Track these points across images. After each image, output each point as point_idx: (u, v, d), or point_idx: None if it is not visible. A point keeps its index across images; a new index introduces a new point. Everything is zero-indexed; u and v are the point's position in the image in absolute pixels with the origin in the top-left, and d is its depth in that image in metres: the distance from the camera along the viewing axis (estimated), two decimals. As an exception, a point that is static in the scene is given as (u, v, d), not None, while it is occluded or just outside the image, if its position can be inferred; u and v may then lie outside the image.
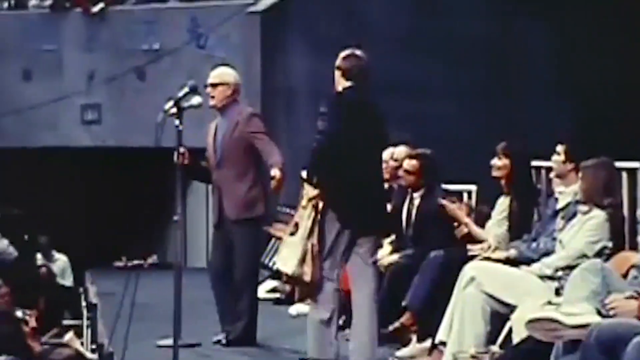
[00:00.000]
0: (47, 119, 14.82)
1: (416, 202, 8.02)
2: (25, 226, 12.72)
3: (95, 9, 14.62)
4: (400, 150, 8.52)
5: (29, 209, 12.95)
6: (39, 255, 12.84)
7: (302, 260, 6.82)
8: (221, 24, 13.58)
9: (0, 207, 12.58)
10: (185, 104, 7.17)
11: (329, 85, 9.03)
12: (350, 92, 7.14)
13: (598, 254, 6.10)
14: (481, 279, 6.27)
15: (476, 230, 7.44)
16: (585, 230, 6.23)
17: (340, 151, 6.83)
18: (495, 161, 7.26)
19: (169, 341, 7.07)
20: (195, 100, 7.24)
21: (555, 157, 6.82)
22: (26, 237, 12.66)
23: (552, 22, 13.13)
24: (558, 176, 6.83)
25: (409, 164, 8.01)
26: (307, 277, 6.84)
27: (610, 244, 6.20)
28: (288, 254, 6.91)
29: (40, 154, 14.70)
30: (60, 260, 13.35)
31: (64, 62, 14.92)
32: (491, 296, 6.25)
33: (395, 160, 8.47)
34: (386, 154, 8.08)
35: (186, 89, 7.24)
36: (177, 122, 7.07)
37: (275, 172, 7.70)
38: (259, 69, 12.62)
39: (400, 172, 8.19)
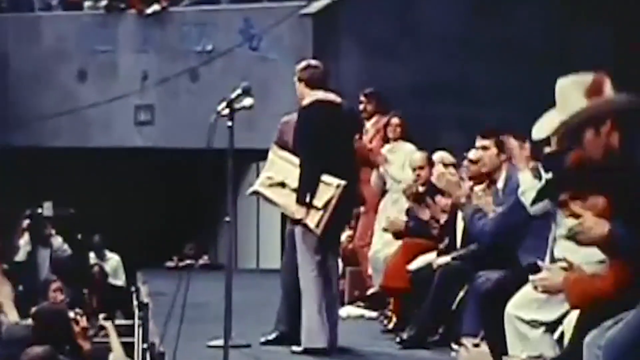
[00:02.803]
0: (100, 119, 14.92)
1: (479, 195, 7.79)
2: (79, 225, 12.83)
3: (150, 10, 14.70)
4: (444, 156, 8.37)
5: (82, 209, 13.07)
6: (92, 255, 12.95)
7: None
8: (274, 26, 13.59)
9: (55, 206, 12.70)
10: (237, 106, 7.17)
11: (380, 87, 9.04)
12: (317, 107, 7.47)
13: None
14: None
15: None
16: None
17: (324, 167, 7.31)
18: None
19: (220, 342, 7.07)
20: (247, 101, 7.24)
21: None
22: (79, 236, 12.78)
23: (610, 26, 12.98)
24: None
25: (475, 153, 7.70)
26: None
27: None
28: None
29: (93, 154, 14.81)
30: (113, 260, 13.45)
31: (118, 63, 15.02)
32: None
33: (446, 165, 8.33)
34: (436, 158, 8.06)
35: (239, 91, 7.23)
36: (229, 123, 7.08)
37: None
38: (310, 71, 12.64)
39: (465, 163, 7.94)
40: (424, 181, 8.31)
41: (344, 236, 9.15)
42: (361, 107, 9.13)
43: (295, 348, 7.49)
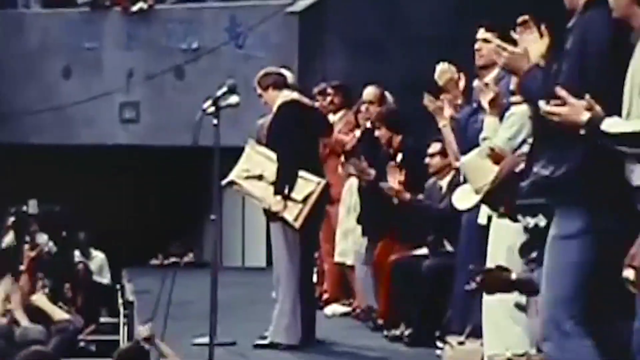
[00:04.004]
0: (85, 116, 14.87)
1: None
2: (64, 223, 12.80)
3: (135, 7, 14.66)
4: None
5: (67, 206, 13.04)
6: (76, 252, 12.91)
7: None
8: (260, 24, 13.59)
9: (40, 203, 12.66)
10: (223, 103, 7.19)
11: (365, 85, 9.03)
12: (293, 105, 7.69)
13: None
14: None
15: None
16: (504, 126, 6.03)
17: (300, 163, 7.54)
18: None
19: (205, 339, 7.07)
20: (233, 99, 7.26)
21: None
22: (64, 233, 12.74)
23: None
24: None
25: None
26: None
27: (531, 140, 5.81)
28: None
29: (78, 151, 14.78)
30: (98, 258, 13.42)
31: (103, 60, 14.96)
32: None
33: None
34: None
35: (225, 88, 7.26)
36: (215, 121, 7.08)
37: None
38: (296, 69, 12.61)
39: None
40: (371, 116, 8.42)
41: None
42: (328, 99, 9.07)
43: (261, 340, 7.53)
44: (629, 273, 3.89)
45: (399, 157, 8.03)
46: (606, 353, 4.22)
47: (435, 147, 7.72)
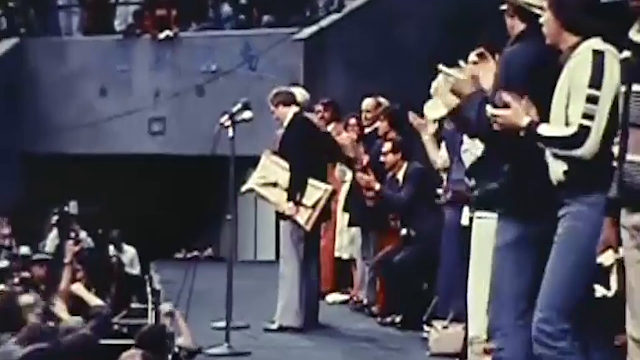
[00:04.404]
0: (118, 129, 14.86)
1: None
2: (100, 222, 12.79)
3: (162, 35, 14.69)
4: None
5: (103, 207, 13.03)
6: (111, 248, 12.90)
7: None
8: (270, 49, 13.56)
9: (80, 205, 12.66)
10: (238, 118, 7.19)
11: (363, 97, 9.01)
12: (302, 120, 7.73)
13: None
14: None
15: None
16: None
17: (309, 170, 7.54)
18: None
19: (222, 323, 7.08)
20: (247, 114, 7.26)
21: None
22: (100, 231, 12.73)
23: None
24: None
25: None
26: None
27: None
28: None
29: (112, 159, 14.76)
30: (129, 252, 13.38)
31: (134, 81, 14.99)
32: None
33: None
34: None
35: (239, 105, 7.26)
36: (230, 133, 7.08)
37: None
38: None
39: None
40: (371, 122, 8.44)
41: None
42: (319, 115, 8.92)
43: (270, 324, 7.50)
44: (603, 258, 3.84)
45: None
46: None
47: (387, 146, 7.79)
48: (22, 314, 6.86)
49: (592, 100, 3.92)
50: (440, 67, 4.66)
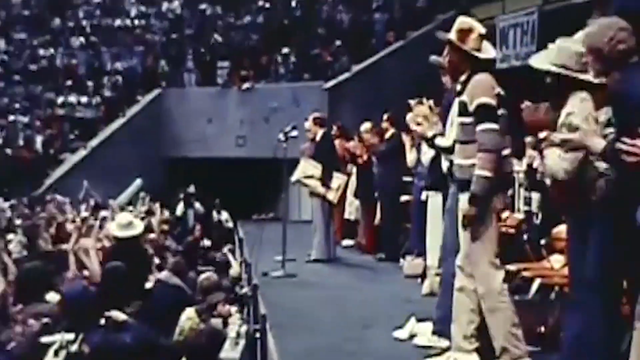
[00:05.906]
0: (218, 143, 14.92)
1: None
2: (207, 197, 12.81)
3: (244, 86, 14.75)
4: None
5: (209, 189, 13.02)
6: (214, 212, 12.91)
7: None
8: (308, 94, 13.58)
9: (196, 187, 12.64)
10: (289, 135, 7.16)
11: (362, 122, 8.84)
12: (330, 136, 7.69)
13: None
14: None
15: None
16: None
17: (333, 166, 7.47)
18: None
19: (279, 257, 7.06)
20: (294, 133, 7.23)
21: None
22: (208, 202, 12.73)
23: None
24: None
25: None
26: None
27: None
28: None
29: (213, 161, 14.82)
30: (225, 215, 13.40)
31: (228, 115, 15.00)
32: None
33: None
34: None
35: (290, 127, 7.23)
36: (284, 145, 7.05)
37: None
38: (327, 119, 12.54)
39: None
40: (369, 146, 7.93)
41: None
42: (334, 133, 8.44)
43: (308, 258, 7.40)
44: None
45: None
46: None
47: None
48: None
49: None
50: (411, 102, 4.70)
